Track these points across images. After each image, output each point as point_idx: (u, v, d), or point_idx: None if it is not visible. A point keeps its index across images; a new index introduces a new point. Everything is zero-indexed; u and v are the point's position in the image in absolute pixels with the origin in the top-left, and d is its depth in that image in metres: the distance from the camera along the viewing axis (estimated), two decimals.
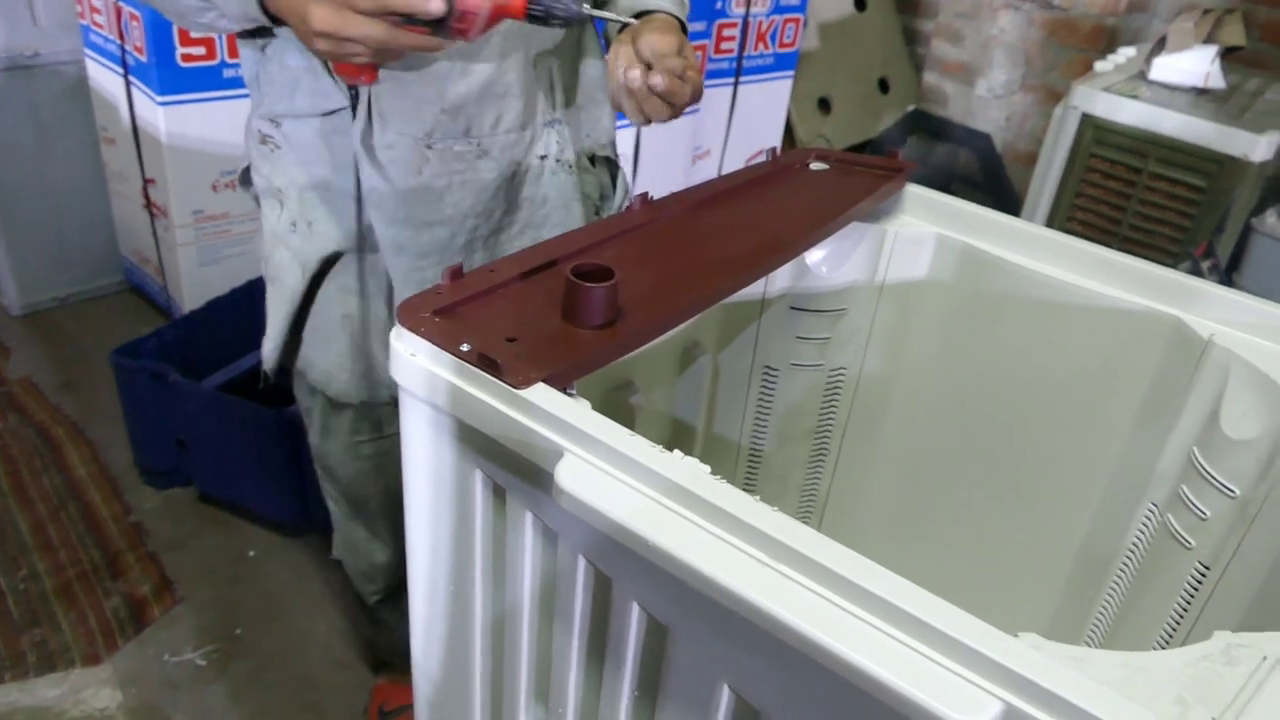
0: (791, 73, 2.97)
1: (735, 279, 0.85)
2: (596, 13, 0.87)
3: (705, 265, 0.85)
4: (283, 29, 0.95)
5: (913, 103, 3.26)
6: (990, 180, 2.93)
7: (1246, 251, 2.18)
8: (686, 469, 0.58)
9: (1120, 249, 2.24)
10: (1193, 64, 2.21)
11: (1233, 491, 0.85)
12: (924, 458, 1.14)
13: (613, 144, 1.16)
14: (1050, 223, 2.32)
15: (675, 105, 0.96)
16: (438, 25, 0.81)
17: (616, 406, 0.90)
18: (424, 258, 1.04)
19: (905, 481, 1.16)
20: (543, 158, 1.05)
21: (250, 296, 2.10)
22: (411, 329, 0.69)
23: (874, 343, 1.09)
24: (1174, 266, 2.12)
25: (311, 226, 1.04)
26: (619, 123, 1.14)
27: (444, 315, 0.71)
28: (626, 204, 0.95)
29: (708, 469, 0.58)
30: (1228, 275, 2.18)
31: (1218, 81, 2.22)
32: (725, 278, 0.84)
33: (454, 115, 0.98)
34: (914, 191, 1.06)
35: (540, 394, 0.64)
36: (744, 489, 1.18)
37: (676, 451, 0.60)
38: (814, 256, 1.03)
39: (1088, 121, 2.19)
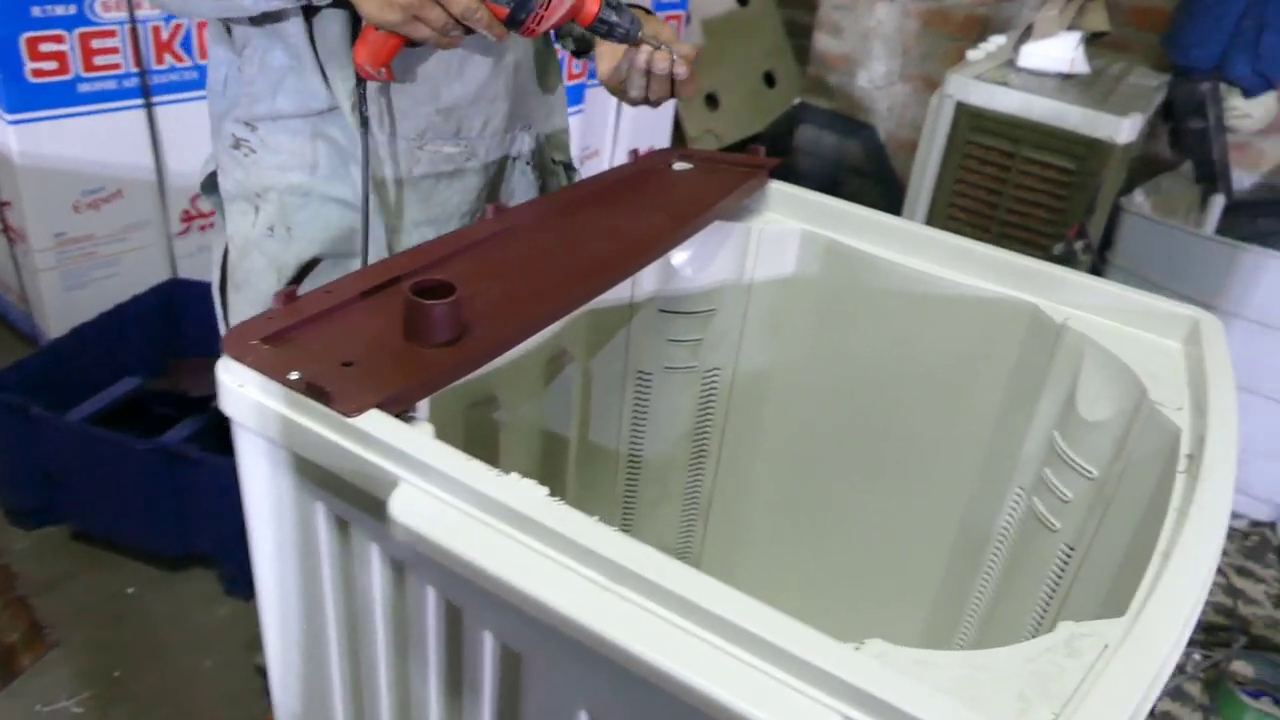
0: None
1: (590, 286, 0.83)
2: (646, 38, 0.95)
3: (559, 273, 0.83)
4: (281, 24, 0.93)
5: (798, 96, 3.29)
6: (877, 170, 2.98)
7: (1117, 231, 2.25)
8: (523, 493, 0.56)
9: (999, 233, 2.29)
10: (1058, 50, 2.27)
11: (1090, 472, 0.86)
12: (804, 453, 1.13)
13: (568, 148, 1.21)
14: (932, 210, 2.35)
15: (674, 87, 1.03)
16: (513, 15, 0.85)
17: (478, 424, 0.87)
18: None
19: (787, 478, 1.16)
20: (515, 159, 1.10)
21: (120, 321, 2.00)
22: (238, 358, 0.65)
23: (746, 342, 1.08)
24: (1049, 248, 2.19)
25: (291, 231, 1.02)
26: None
27: (275, 342, 0.68)
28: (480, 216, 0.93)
29: (545, 491, 0.56)
30: (1101, 255, 2.24)
31: (1082, 66, 2.28)
32: (580, 285, 0.82)
33: (447, 116, 1.00)
34: (778, 189, 1.05)
35: (373, 421, 0.61)
36: (625, 496, 1.16)
37: (514, 474, 0.57)
38: (679, 258, 1.02)
39: (962, 109, 2.22)
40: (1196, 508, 0.62)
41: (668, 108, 2.99)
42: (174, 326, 2.15)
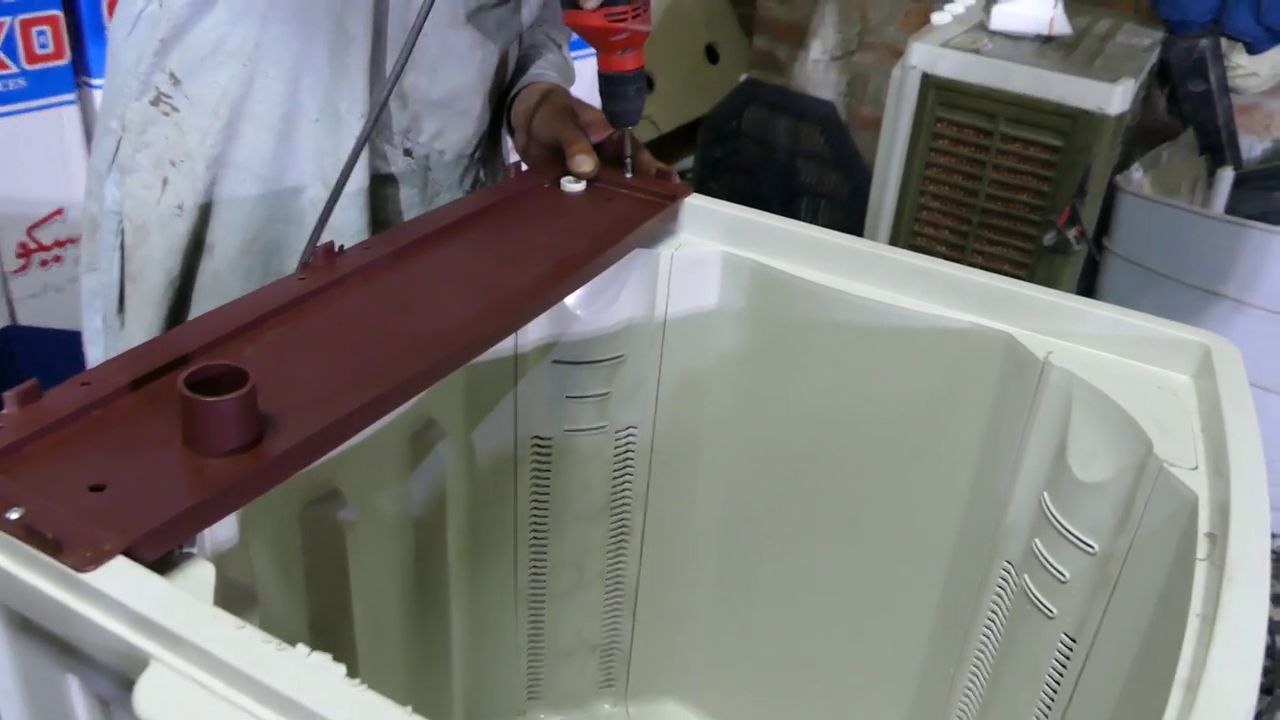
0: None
1: (449, 355, 0.72)
2: (634, 132, 0.98)
3: (406, 339, 0.72)
4: None
5: (745, 72, 3.21)
6: (837, 153, 2.90)
7: (1114, 213, 2.19)
8: (312, 676, 0.46)
9: (979, 223, 2.22)
10: (1034, 9, 2.20)
11: (1090, 547, 0.77)
12: (748, 523, 1.04)
13: None
14: (902, 197, 2.28)
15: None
16: None
17: (318, 527, 0.77)
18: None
19: (727, 553, 1.06)
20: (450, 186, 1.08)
21: None
22: None
23: (665, 392, 0.99)
24: (1038, 238, 2.12)
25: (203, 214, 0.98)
26: None
27: None
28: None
29: (342, 670, 0.46)
30: (1097, 242, 2.18)
31: (1063, 27, 2.22)
32: (434, 354, 0.71)
33: (403, 104, 0.98)
34: (692, 202, 0.96)
35: (114, 576, 0.50)
36: (530, 590, 1.06)
37: (301, 647, 0.47)
38: (572, 297, 0.92)
39: (929, 82, 2.15)
40: (1225, 624, 0.53)
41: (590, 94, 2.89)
42: (12, 385, 2.02)
